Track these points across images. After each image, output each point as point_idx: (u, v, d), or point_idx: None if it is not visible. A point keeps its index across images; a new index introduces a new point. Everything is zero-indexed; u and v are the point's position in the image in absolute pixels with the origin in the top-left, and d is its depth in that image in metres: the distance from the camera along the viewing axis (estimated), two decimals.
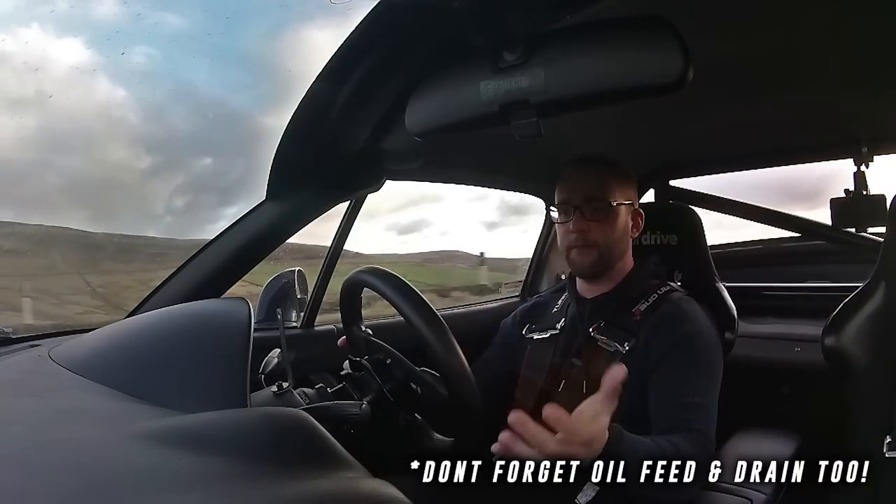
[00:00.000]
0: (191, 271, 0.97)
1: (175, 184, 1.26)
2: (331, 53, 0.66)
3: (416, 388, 0.74)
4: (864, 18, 0.74)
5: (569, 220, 0.94)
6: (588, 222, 0.93)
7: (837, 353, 0.82)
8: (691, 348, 0.87)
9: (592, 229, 0.93)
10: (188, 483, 0.37)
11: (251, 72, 8.15)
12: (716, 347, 0.92)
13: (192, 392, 0.52)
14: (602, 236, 0.93)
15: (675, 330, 0.89)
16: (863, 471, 0.85)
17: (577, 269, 0.98)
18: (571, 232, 0.94)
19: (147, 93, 4.25)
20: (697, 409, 0.83)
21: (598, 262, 0.95)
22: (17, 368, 0.64)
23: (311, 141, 0.83)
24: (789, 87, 0.99)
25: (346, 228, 1.28)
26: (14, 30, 0.70)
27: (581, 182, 0.95)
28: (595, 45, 0.56)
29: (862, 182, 1.22)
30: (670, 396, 0.85)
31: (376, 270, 0.71)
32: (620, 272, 0.98)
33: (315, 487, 0.39)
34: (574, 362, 0.95)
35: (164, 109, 4.88)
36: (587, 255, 0.94)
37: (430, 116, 0.67)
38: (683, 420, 0.82)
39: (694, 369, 0.86)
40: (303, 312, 1.23)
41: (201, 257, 0.98)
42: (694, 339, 0.88)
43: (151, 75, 4.48)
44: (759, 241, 1.81)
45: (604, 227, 0.93)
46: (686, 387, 0.85)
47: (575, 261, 0.96)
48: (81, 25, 2.80)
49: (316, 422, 0.46)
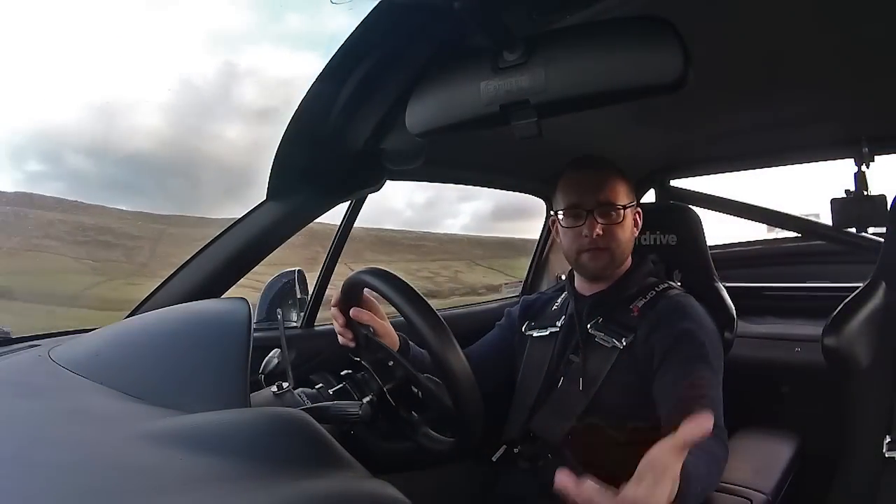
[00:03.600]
0: (191, 271, 0.97)
1: (416, 183, 1.31)
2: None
3: (418, 392, 0.73)
4: (865, 18, 0.74)
5: (579, 223, 0.94)
6: (602, 226, 0.93)
7: (837, 353, 0.82)
8: (694, 342, 0.87)
9: (606, 233, 0.93)
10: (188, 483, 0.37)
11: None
12: (717, 341, 0.92)
13: (192, 392, 0.52)
14: (614, 240, 0.94)
15: (675, 325, 0.89)
16: (863, 471, 0.85)
17: (588, 272, 0.98)
18: (584, 236, 0.93)
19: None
20: (711, 402, 0.83)
21: (609, 265, 0.95)
22: (16, 368, 0.64)
23: (311, 141, 0.82)
24: (790, 87, 0.99)
25: (347, 228, 1.28)
26: (254, 47, 0.68)
27: (592, 185, 0.94)
28: (595, 45, 0.56)
29: (862, 182, 1.22)
30: (680, 391, 0.84)
31: (376, 271, 0.71)
32: (620, 270, 0.99)
33: (315, 487, 0.39)
34: (572, 359, 0.96)
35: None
36: (601, 259, 0.94)
37: (431, 116, 0.67)
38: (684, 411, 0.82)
39: (700, 363, 0.86)
40: (303, 312, 1.23)
41: (201, 257, 0.98)
42: (695, 333, 0.88)
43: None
44: (759, 241, 1.81)
45: (616, 231, 0.94)
46: (695, 380, 0.84)
47: (587, 265, 0.96)
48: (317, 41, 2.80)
49: (316, 422, 0.47)
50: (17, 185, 6.85)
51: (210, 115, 2.73)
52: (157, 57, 8.54)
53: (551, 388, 0.96)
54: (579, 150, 1.01)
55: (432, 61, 0.66)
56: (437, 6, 0.55)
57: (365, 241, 2.91)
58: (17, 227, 3.15)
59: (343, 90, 0.73)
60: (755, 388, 1.34)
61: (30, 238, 3.34)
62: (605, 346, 0.92)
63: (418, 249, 2.74)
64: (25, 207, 3.62)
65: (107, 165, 6.44)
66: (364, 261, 2.83)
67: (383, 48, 0.66)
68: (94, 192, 7.59)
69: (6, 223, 3.07)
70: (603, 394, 0.90)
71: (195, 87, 8.74)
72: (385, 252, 2.84)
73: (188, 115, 5.82)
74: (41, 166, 5.88)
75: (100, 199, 5.20)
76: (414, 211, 4.46)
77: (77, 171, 6.11)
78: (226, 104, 3.84)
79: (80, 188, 7.03)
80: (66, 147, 6.18)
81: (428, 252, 4.66)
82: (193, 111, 8.81)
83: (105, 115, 6.14)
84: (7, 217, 3.17)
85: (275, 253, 0.99)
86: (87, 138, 6.64)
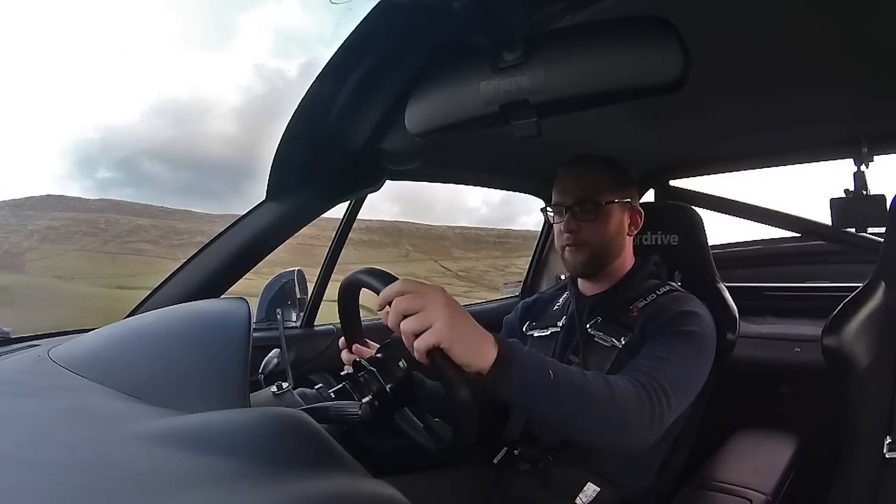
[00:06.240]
0: (191, 271, 0.97)
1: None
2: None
3: (403, 363, 0.73)
4: (865, 18, 0.74)
5: (561, 220, 0.95)
6: (578, 222, 0.94)
7: (837, 353, 0.82)
8: (679, 322, 0.84)
9: (583, 229, 0.94)
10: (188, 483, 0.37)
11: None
12: (708, 331, 0.86)
13: (192, 392, 0.52)
14: (593, 236, 0.94)
15: (669, 311, 0.87)
16: (863, 471, 0.85)
17: (569, 268, 0.99)
18: (563, 232, 0.95)
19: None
20: (659, 360, 0.77)
21: (590, 261, 0.95)
22: (16, 368, 0.64)
23: (311, 141, 0.83)
24: (789, 87, 0.99)
25: (347, 228, 1.28)
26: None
27: (572, 183, 0.95)
28: (595, 45, 0.56)
29: (862, 182, 1.22)
30: (642, 355, 0.80)
31: (375, 271, 0.71)
32: (619, 270, 0.98)
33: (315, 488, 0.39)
34: (571, 359, 0.95)
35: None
36: (579, 255, 0.95)
37: (430, 116, 0.67)
38: (637, 367, 0.76)
39: (676, 337, 0.82)
40: (302, 312, 1.23)
41: (201, 257, 0.98)
42: (686, 315, 0.85)
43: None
44: (759, 241, 1.81)
45: (595, 227, 0.94)
46: (660, 346, 0.80)
47: (567, 260, 0.97)
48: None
49: (316, 422, 0.47)
50: (83, 192, 6.89)
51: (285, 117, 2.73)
52: (232, 60, 8.36)
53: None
54: (579, 149, 1.01)
55: (432, 61, 0.66)
56: (437, 6, 0.55)
57: (451, 239, 2.96)
58: (110, 233, 3.17)
59: (343, 90, 0.73)
60: (755, 388, 1.34)
61: (125, 243, 3.33)
62: (605, 345, 0.92)
63: (503, 246, 2.75)
64: (113, 213, 3.63)
65: (179, 169, 6.48)
66: (452, 258, 2.88)
67: (383, 48, 0.66)
68: (168, 197, 7.55)
69: (99, 229, 3.09)
70: None
71: (269, 90, 8.61)
72: (472, 249, 2.88)
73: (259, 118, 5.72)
74: (112, 172, 5.92)
75: (177, 204, 5.19)
76: (490, 208, 4.44)
77: (151, 176, 6.15)
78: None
79: (153, 193, 7.05)
80: (139, 153, 6.22)
81: (512, 248, 4.62)
82: (268, 113, 8.77)
83: (178, 119, 6.17)
84: (97, 223, 3.20)
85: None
86: (158, 143, 6.67)
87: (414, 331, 0.57)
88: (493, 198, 12.99)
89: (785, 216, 1.49)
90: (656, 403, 0.71)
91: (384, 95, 0.75)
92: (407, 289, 0.59)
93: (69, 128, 25.93)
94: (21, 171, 11.18)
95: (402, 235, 3.16)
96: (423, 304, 0.58)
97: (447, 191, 3.57)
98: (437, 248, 3.14)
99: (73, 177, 19.78)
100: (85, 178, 18.89)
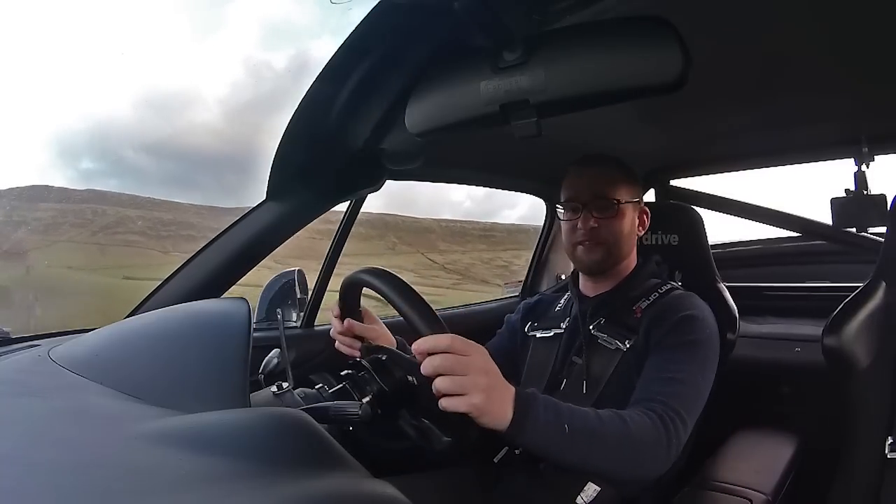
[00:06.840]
0: (191, 271, 0.97)
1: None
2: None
3: (414, 380, 0.73)
4: (865, 18, 0.74)
5: (576, 217, 0.95)
6: (596, 220, 0.93)
7: (837, 353, 0.82)
8: (684, 330, 0.85)
9: (601, 227, 0.93)
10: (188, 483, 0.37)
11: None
12: (712, 335, 0.88)
13: (192, 392, 0.52)
14: (610, 234, 0.94)
15: (672, 316, 0.87)
16: (864, 471, 0.85)
17: (583, 265, 0.98)
18: (579, 229, 0.94)
19: None
20: (671, 383, 0.79)
21: (605, 259, 0.95)
22: (16, 368, 0.64)
23: (311, 141, 0.83)
24: (789, 87, 0.99)
25: (347, 228, 1.28)
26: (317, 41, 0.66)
27: (589, 180, 0.95)
28: (595, 45, 0.56)
29: (862, 182, 1.22)
30: (651, 373, 0.82)
31: (375, 270, 0.71)
32: (624, 270, 0.98)
33: (315, 487, 0.39)
34: (575, 360, 0.95)
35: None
36: (594, 252, 0.94)
37: (431, 116, 0.67)
38: (650, 392, 0.78)
39: (682, 350, 0.83)
40: (303, 312, 1.23)
41: (202, 257, 0.98)
42: (690, 321, 0.86)
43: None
44: (759, 240, 1.81)
45: (611, 225, 0.94)
46: (670, 364, 0.81)
47: (581, 258, 0.96)
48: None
49: (316, 422, 0.47)
50: (67, 182, 6.88)
51: (275, 108, 2.67)
52: (218, 51, 8.33)
53: (554, 390, 0.95)
54: (579, 149, 1.01)
55: (432, 61, 0.66)
56: (437, 6, 0.55)
57: (437, 232, 2.99)
58: (97, 224, 3.16)
59: (343, 90, 0.73)
60: (755, 388, 1.34)
61: (113, 234, 3.33)
62: (609, 347, 0.92)
63: (488, 239, 2.78)
64: (99, 204, 3.62)
65: (164, 160, 6.47)
66: (438, 251, 2.91)
67: (383, 48, 0.66)
68: (152, 188, 7.56)
69: (86, 219, 3.08)
70: (606, 396, 0.90)
71: (256, 81, 8.58)
72: (458, 242, 2.92)
73: (246, 111, 5.70)
74: (96, 163, 5.90)
75: (163, 195, 5.19)
76: (473, 202, 4.46)
77: (136, 167, 6.13)
78: (289, 97, 3.89)
79: (137, 184, 7.02)
80: (124, 144, 6.21)
81: (497, 242, 4.61)
82: (253, 105, 8.74)
83: (164, 110, 6.18)
84: (84, 213, 3.18)
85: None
86: (144, 134, 6.65)
87: (448, 392, 0.58)
88: (476, 192, 13.33)
89: (785, 216, 1.49)
90: (673, 433, 0.73)
91: (384, 95, 0.75)
92: (456, 348, 0.59)
93: (52, 118, 25.98)
94: (3, 161, 11.23)
95: (389, 228, 3.21)
96: (465, 370, 0.58)
97: (431, 184, 3.63)
98: (423, 241, 3.20)
99: (57, 167, 19.84)
100: (68, 168, 18.90)
